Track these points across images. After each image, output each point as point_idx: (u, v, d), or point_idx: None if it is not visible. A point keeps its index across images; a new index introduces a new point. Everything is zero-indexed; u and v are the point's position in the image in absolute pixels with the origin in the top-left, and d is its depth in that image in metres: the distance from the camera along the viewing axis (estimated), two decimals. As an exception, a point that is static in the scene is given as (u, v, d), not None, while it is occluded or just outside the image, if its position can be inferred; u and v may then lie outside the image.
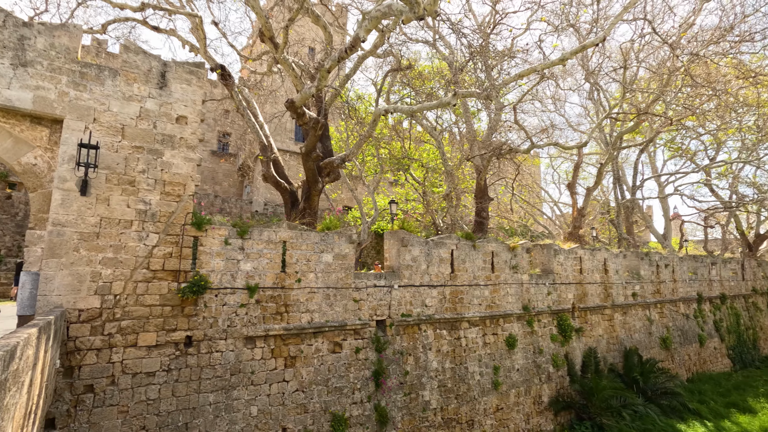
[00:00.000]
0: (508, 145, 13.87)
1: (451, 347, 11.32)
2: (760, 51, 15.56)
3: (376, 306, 10.19)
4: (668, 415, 13.92)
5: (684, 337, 19.05)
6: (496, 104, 15.51)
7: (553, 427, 12.90)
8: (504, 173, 18.88)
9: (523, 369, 12.70)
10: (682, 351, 18.63)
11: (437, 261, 11.46)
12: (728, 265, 23.57)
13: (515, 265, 13.28)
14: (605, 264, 16.38)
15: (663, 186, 26.26)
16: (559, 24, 11.54)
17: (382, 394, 9.75)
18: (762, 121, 21.22)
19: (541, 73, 11.88)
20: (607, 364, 15.28)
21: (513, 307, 13.02)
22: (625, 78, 16.38)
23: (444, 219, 20.20)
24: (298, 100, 9.01)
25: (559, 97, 22.71)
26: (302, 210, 11.46)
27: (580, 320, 14.93)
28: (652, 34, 10.64)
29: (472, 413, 11.19)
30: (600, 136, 22.09)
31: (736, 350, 21.45)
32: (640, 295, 17.59)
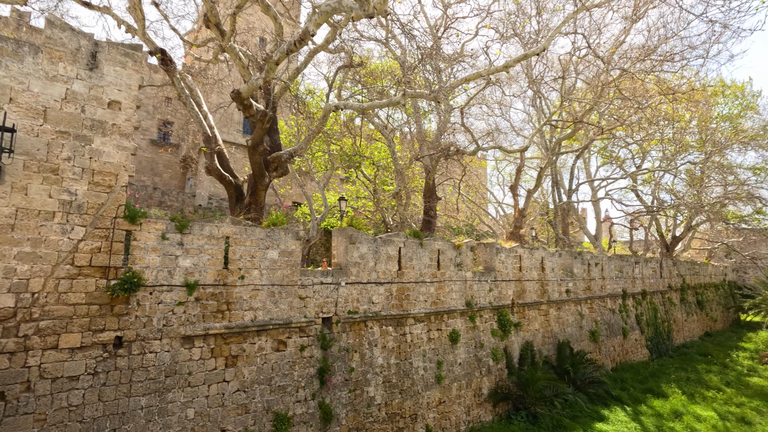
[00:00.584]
0: (456, 146, 14.35)
1: (396, 343, 11.50)
2: (678, 70, 17.27)
3: (322, 303, 10.11)
4: (594, 402, 15.07)
5: (610, 330, 20.68)
6: (445, 106, 15.92)
7: (491, 417, 13.50)
8: (452, 174, 19.45)
9: (465, 363, 13.17)
10: (608, 343, 20.22)
11: (385, 258, 11.58)
12: (649, 264, 25.88)
13: (460, 263, 13.73)
14: (542, 262, 17.37)
15: (596, 190, 28.30)
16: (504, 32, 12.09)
17: (327, 392, 9.71)
18: (679, 135, 23.52)
19: (487, 78, 12.37)
20: (542, 357, 16.24)
21: (457, 303, 13.46)
22: (564, 88, 17.51)
23: (394, 217, 20.46)
24: (244, 91, 8.70)
25: (505, 103, 23.74)
26: (247, 205, 11.10)
27: (518, 315, 15.73)
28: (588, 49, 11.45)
29: (415, 407, 11.44)
30: (541, 141, 23.38)
31: (653, 341, 23.62)
32: (573, 292, 18.85)
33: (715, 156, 26.02)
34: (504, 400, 13.84)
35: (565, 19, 9.38)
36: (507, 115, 25.69)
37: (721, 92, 25.14)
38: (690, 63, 16.61)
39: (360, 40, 12.76)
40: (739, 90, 25.66)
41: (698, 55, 14.37)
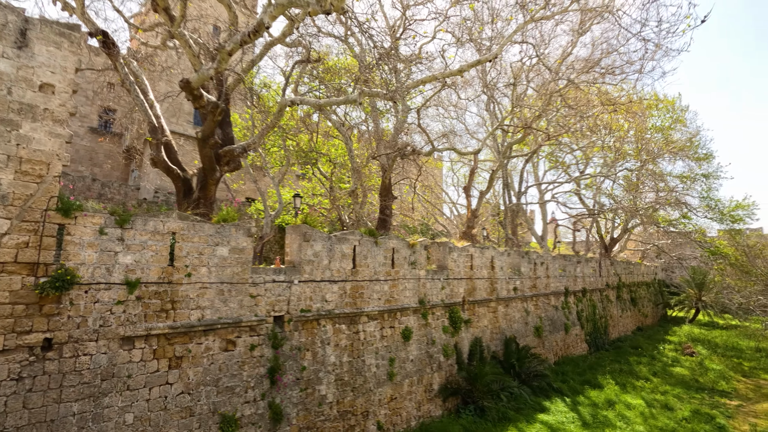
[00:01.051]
0: (412, 146, 14.56)
1: (349, 341, 11.50)
2: (618, 83, 18.57)
3: (274, 302, 9.92)
4: (537, 394, 15.87)
5: (553, 325, 21.85)
6: (402, 106, 16.09)
7: (441, 412, 13.85)
8: (408, 173, 19.72)
9: (417, 359, 13.42)
10: (551, 338, 21.35)
11: (339, 256, 11.54)
12: (589, 264, 27.60)
13: (414, 261, 13.96)
14: (492, 261, 18.04)
15: (543, 193, 29.76)
16: (460, 37, 12.43)
17: (277, 391, 9.54)
18: (618, 143, 25.26)
19: (443, 81, 12.66)
20: (490, 352, 16.87)
21: (410, 301, 13.67)
22: (515, 94, 18.30)
23: (350, 215, 20.41)
24: (194, 80, 8.34)
25: (461, 106, 24.38)
26: (196, 199, 10.65)
27: (469, 312, 16.23)
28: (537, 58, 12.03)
29: (367, 404, 11.51)
30: (493, 144, 24.25)
31: (592, 336, 25.22)
32: (520, 290, 19.72)
33: (649, 164, 28.19)
34: (453, 394, 14.24)
35: (516, 29, 9.81)
36: (462, 118, 26.43)
37: (655, 105, 27.31)
38: (628, 77, 17.90)
39: (318, 35, 12.61)
40: (670, 104, 28.00)
41: (635, 70, 15.55)
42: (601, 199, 31.89)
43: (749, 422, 14.49)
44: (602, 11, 11.26)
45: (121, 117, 33.44)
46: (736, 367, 22.12)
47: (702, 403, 16.39)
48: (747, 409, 15.99)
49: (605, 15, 11.78)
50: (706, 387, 18.43)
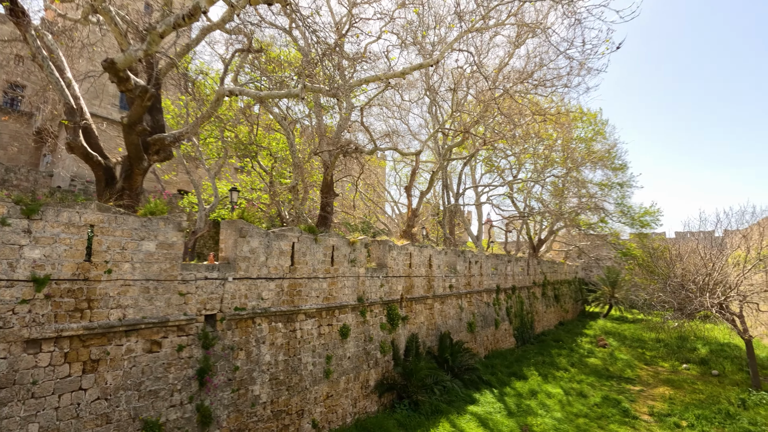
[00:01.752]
0: (355, 144, 14.57)
1: (286, 339, 11.30)
2: (548, 95, 19.96)
3: (206, 300, 9.47)
4: (468, 387, 16.63)
5: (485, 321, 23.00)
6: (346, 104, 16.05)
7: (377, 408, 14.05)
8: (350, 171, 19.72)
9: (354, 356, 13.49)
10: (483, 333, 22.47)
11: (277, 253, 11.28)
12: (519, 263, 29.38)
13: (354, 259, 14.01)
14: (430, 260, 18.59)
15: (479, 195, 31.19)
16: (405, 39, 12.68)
17: (207, 393, 9.13)
18: (547, 151, 27.14)
19: (386, 82, 12.83)
20: (425, 348, 17.39)
21: (349, 298, 13.70)
22: (456, 99, 19.01)
23: (290, 211, 19.99)
24: (120, 61, 7.69)
25: (404, 107, 24.81)
26: (120, 190, 9.85)
27: (406, 309, 16.61)
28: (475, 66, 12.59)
29: (302, 403, 11.38)
30: (434, 146, 24.98)
31: (519, 330, 26.89)
32: (455, 287, 20.53)
33: (573, 172, 30.60)
34: (389, 390, 14.51)
35: (456, 37, 10.21)
36: (406, 119, 26.93)
37: (580, 118, 29.72)
38: (557, 90, 19.33)
39: (261, 25, 12.19)
40: (592, 117, 30.62)
41: (563, 84, 16.77)
42: (531, 202, 34.08)
43: (648, 404, 16.29)
44: (535, 27, 12.06)
45: (32, 95, 29.98)
46: (640, 356, 24.73)
47: (611, 389, 18.14)
48: (647, 393, 17.96)
49: (537, 31, 12.63)
50: (615, 375, 20.42)
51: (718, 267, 20.68)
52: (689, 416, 14.66)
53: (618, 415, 14.83)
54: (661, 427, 14.02)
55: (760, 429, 13.45)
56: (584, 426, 13.72)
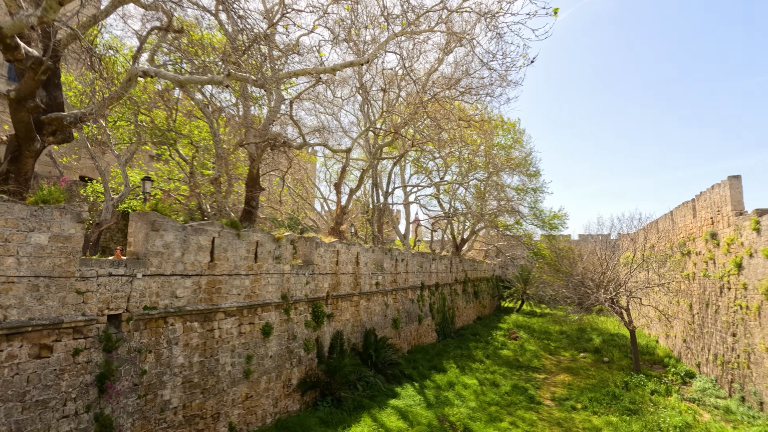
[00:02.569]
0: (283, 137, 14.16)
1: (202, 340, 10.69)
2: (473, 102, 21.12)
3: (110, 298, 8.64)
4: (391, 381, 17.04)
5: (409, 317, 23.71)
6: (276, 95, 15.56)
7: (299, 406, 13.86)
8: (278, 165, 19.15)
9: (276, 355, 13.17)
10: (407, 329, 23.15)
11: (195, 249, 10.63)
12: (443, 261, 30.70)
13: (279, 256, 13.65)
14: (358, 257, 18.72)
15: (408, 195, 32.03)
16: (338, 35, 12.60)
17: (108, 401, 8.34)
18: (471, 156, 28.67)
19: (316, 77, 12.65)
20: (350, 345, 17.49)
21: (273, 296, 13.33)
22: (387, 100, 19.33)
23: (212, 204, 18.89)
24: (7, 26, 6.67)
25: (336, 104, 24.65)
26: (5, 173, 8.59)
27: (332, 307, 16.56)
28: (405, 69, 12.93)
29: (219, 406, 10.86)
30: (366, 145, 25.17)
31: (441, 325, 28.11)
32: (381, 284, 20.89)
33: (494, 176, 32.66)
34: (312, 388, 14.37)
35: (387, 38, 10.39)
36: (338, 116, 26.79)
37: (501, 126, 31.83)
38: (481, 98, 20.53)
39: (183, 2, 11.34)
40: (511, 126, 32.95)
41: (487, 93, 17.85)
42: (455, 203, 35.75)
43: (550, 391, 17.96)
44: (461, 37, 12.69)
45: None
46: (545, 347, 27.14)
47: (520, 378, 19.69)
48: (550, 380, 19.78)
49: (464, 41, 13.30)
50: (524, 365, 22.20)
51: (611, 266, 23.40)
52: (583, 399, 16.41)
53: (525, 402, 16.15)
54: (560, 410, 15.53)
55: (638, 406, 15.48)
56: (495, 413, 14.74)
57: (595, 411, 15.33)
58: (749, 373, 15.57)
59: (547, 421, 14.48)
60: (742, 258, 15.87)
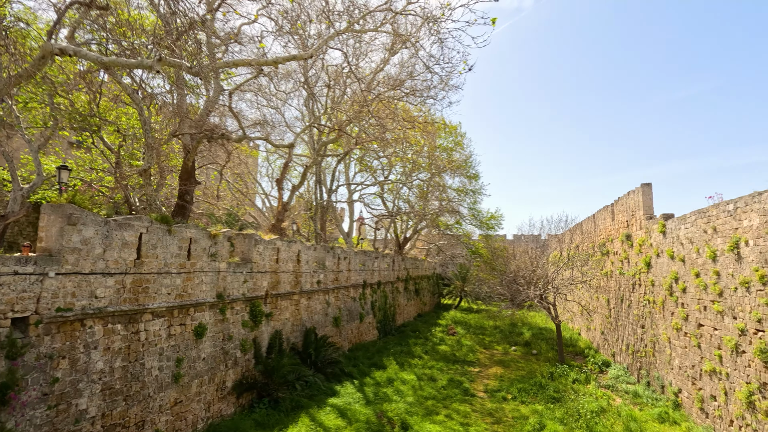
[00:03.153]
0: (222, 129, 13.49)
1: (126, 343, 9.94)
2: (418, 104, 21.58)
3: (15, 300, 7.76)
4: (330, 380, 16.96)
5: (350, 315, 23.72)
6: (215, 85, 14.83)
7: (234, 409, 13.35)
8: (216, 158, 18.27)
9: (210, 357, 12.59)
10: (348, 327, 23.14)
11: (119, 245, 9.85)
12: (385, 259, 31.04)
13: (215, 253, 13.04)
14: (299, 255, 18.40)
15: (352, 193, 31.99)
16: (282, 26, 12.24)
17: (11, 413, 7.49)
18: (414, 156, 29.26)
19: (258, 68, 12.23)
20: (289, 344, 17.15)
21: (207, 295, 12.72)
22: (333, 96, 19.14)
23: (142, 198, 17.59)
24: None
25: (281, 97, 24.00)
26: None
27: (271, 306, 16.14)
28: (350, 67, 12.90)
29: (144, 413, 10.17)
30: (310, 141, 24.77)
31: (382, 323, 28.43)
32: (323, 283, 20.70)
33: (436, 177, 33.58)
34: (249, 390, 13.92)
35: (331, 35, 10.28)
36: (281, 109, 26.05)
37: (443, 129, 32.80)
38: (425, 101, 21.00)
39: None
40: (453, 129, 34.08)
41: (431, 96, 18.29)
42: (399, 203, 36.29)
43: (484, 383, 18.86)
44: (406, 39, 12.91)
45: None
46: (480, 342, 28.42)
47: (456, 372, 20.45)
48: (484, 373, 20.76)
49: (409, 43, 13.53)
50: (460, 359, 23.08)
51: (541, 264, 25.01)
52: (513, 390, 17.42)
53: (460, 395, 16.81)
54: (492, 402, 16.36)
55: (561, 395, 16.72)
56: (432, 407, 15.20)
57: (523, 401, 16.32)
58: (654, 361, 17.40)
59: (479, 412, 15.19)
60: (651, 257, 17.68)
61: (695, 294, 13.92)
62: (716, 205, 12.77)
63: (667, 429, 13.59)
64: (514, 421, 14.31)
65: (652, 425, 13.83)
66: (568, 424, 13.81)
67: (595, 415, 14.36)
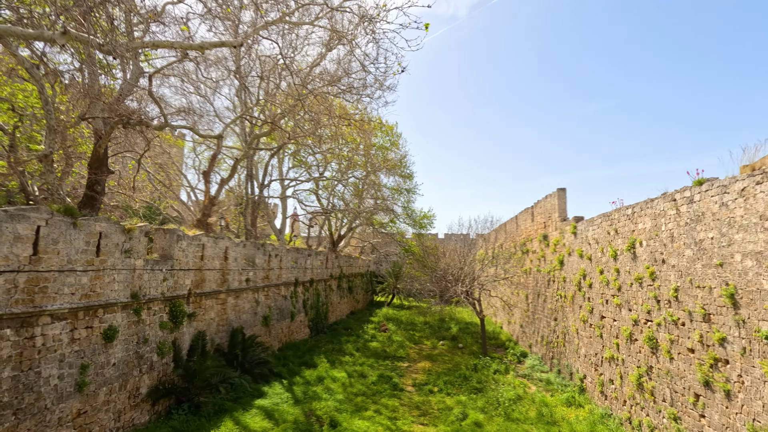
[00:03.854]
0: (140, 115, 12.39)
1: (17, 350, 8.81)
2: (354, 102, 21.57)
3: None
4: (258, 381, 16.41)
5: (281, 314, 23.13)
6: (134, 66, 13.62)
7: (149, 417, 12.43)
8: (134, 146, 16.76)
9: (122, 362, 11.58)
10: (278, 326, 22.55)
11: (11, 239, 8.70)
12: (319, 257, 30.68)
13: (129, 249, 12.01)
14: (226, 252, 17.56)
15: (285, 188, 31.17)
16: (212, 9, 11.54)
17: None
18: (350, 154, 29.24)
19: (183, 52, 11.42)
20: (214, 345, 16.33)
21: (120, 295, 11.68)
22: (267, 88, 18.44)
23: (43, 186, 15.64)
24: None
25: (210, 85, 22.67)
26: None
27: (194, 305, 15.24)
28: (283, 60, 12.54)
29: (39, 428, 9.09)
30: (241, 133, 23.71)
31: (314, 321, 28.08)
32: (252, 281, 19.95)
33: (371, 175, 33.84)
34: (167, 395, 13.04)
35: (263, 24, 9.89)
36: (211, 98, 24.58)
37: (379, 128, 33.13)
38: (362, 99, 21.04)
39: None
40: (390, 129, 34.56)
41: (367, 95, 18.37)
42: (334, 200, 36.05)
43: (412, 377, 19.40)
44: (342, 36, 12.83)
45: None
46: (411, 337, 29.18)
47: (386, 368, 20.81)
48: (413, 368, 21.35)
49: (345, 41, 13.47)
50: (390, 355, 23.52)
51: (468, 262, 26.27)
52: (439, 383, 18.12)
53: (389, 390, 17.13)
54: (420, 395, 16.89)
55: (483, 385, 17.73)
56: (361, 403, 15.32)
57: (448, 392, 17.05)
58: (564, 350, 19.08)
59: (407, 405, 15.60)
60: (564, 256, 19.34)
61: (599, 289, 15.47)
62: (618, 210, 14.29)
63: (573, 411, 14.97)
64: (440, 413, 14.90)
65: (561, 409, 15.16)
66: (488, 412, 14.68)
67: (512, 403, 15.41)
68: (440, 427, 13.59)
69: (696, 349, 10.16)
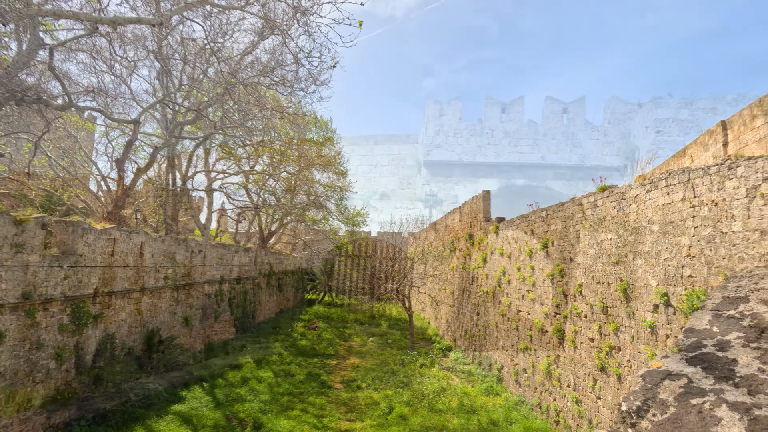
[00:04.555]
0: (39, 92, 10.92)
1: None
2: (288, 94, 20.97)
3: None
4: (176, 385, 15.41)
5: (204, 314, 21.88)
6: (32, 37, 12.02)
7: (43, 432, 11.12)
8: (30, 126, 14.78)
9: (9, 372, 10.23)
10: (200, 326, 21.31)
11: None
12: (247, 254, 29.46)
13: (21, 243, 10.63)
14: (142, 247, 16.22)
15: (212, 181, 29.47)
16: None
17: None
18: (283, 148, 28.43)
19: (92, 25, 10.28)
20: (126, 349, 15.01)
21: (8, 295, 10.30)
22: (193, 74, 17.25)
23: None
24: None
25: (126, 65, 20.69)
26: None
27: (102, 306, 13.89)
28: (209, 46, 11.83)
29: None
30: (163, 120, 21.98)
31: (240, 320, 26.94)
32: (172, 279, 18.63)
33: (305, 171, 33.19)
34: (66, 406, 11.75)
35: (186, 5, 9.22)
36: (128, 80, 22.42)
37: (314, 122, 32.58)
38: (296, 92, 20.52)
39: None
40: (324, 124, 34.13)
41: (301, 88, 17.97)
42: (264, 195, 34.84)
43: (341, 375, 19.41)
44: (276, 25, 12.42)
45: None
46: (341, 334, 29.16)
47: (315, 366, 20.59)
48: (342, 365, 21.36)
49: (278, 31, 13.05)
50: (319, 353, 23.31)
51: (399, 260, 26.84)
52: (368, 379, 18.34)
53: (317, 388, 16.99)
54: (348, 392, 16.95)
55: (409, 379, 18.26)
56: (288, 403, 15.02)
57: (376, 388, 17.31)
58: (485, 343, 20.26)
59: (335, 402, 15.59)
60: (487, 254, 20.52)
61: (516, 285, 16.64)
62: (534, 212, 15.47)
63: (491, 400, 15.97)
64: (367, 408, 15.08)
65: (481, 398, 16.09)
66: (413, 405, 15.15)
67: (436, 395, 16.05)
68: (367, 422, 13.76)
69: (595, 338, 11.34)
